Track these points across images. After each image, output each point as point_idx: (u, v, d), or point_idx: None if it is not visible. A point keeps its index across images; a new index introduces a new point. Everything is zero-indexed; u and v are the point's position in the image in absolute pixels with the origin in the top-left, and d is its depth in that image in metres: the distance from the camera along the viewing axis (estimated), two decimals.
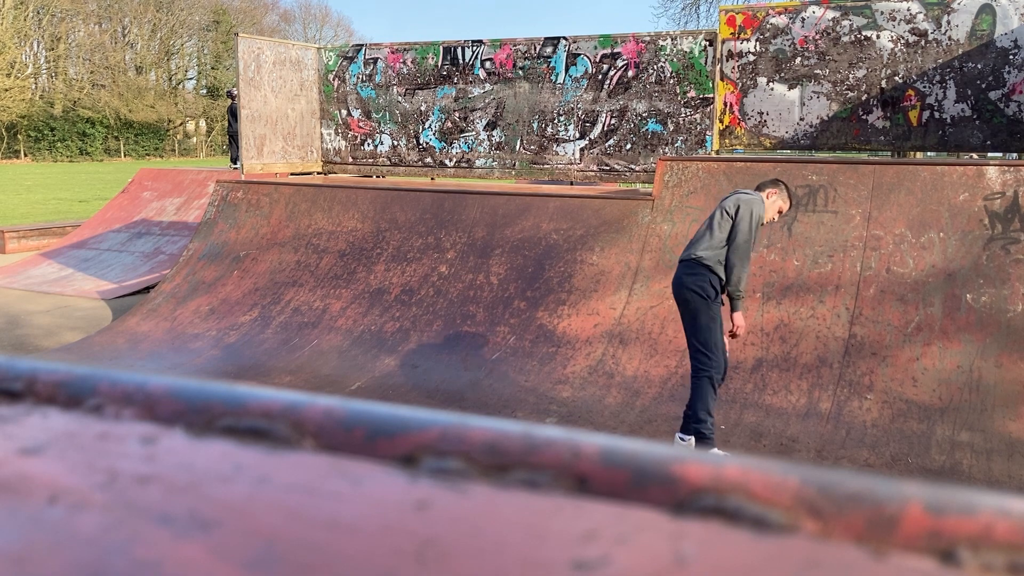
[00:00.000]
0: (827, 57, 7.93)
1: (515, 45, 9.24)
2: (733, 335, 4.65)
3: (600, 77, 8.84)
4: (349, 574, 0.35)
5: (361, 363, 6.47)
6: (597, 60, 8.84)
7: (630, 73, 8.68)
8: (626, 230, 6.87)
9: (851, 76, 7.88)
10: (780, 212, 4.78)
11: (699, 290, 4.53)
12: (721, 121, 8.38)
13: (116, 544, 0.37)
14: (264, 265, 7.89)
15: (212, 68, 56.44)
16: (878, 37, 7.76)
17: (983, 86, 7.49)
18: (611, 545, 0.36)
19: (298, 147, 10.08)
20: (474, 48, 9.46)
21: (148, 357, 6.94)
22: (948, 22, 7.53)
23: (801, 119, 8.10)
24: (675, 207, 6.80)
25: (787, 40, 8.05)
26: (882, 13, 7.74)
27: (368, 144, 10.21)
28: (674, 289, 4.68)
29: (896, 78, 7.76)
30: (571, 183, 9.34)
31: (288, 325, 7.13)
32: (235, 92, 10.84)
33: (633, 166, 8.78)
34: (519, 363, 6.17)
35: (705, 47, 8.34)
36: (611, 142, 8.85)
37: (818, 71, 7.98)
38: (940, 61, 7.60)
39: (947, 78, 7.61)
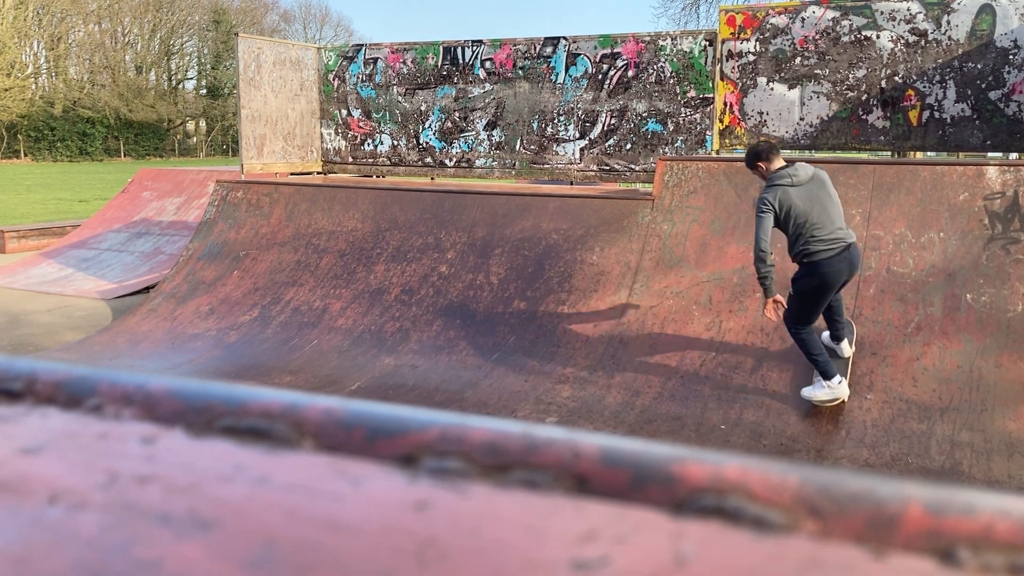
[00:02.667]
0: (827, 57, 7.93)
1: (515, 45, 9.23)
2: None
3: (600, 77, 8.84)
4: (349, 574, 0.35)
5: (361, 363, 6.47)
6: (597, 60, 8.83)
7: (630, 73, 8.67)
8: (626, 230, 6.87)
9: (851, 76, 7.87)
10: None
11: None
12: (721, 121, 8.38)
13: (116, 544, 0.37)
14: (264, 265, 7.89)
15: (212, 68, 56.44)
16: (878, 37, 7.75)
17: (983, 86, 7.49)
18: (611, 545, 0.36)
19: (298, 147, 10.08)
20: (474, 48, 9.46)
21: (148, 357, 6.94)
22: (948, 22, 7.53)
23: (801, 119, 8.10)
24: (675, 207, 6.80)
25: (787, 40, 8.05)
26: (882, 13, 7.73)
27: (368, 144, 10.21)
28: (854, 267, 5.05)
29: (896, 78, 7.75)
30: (571, 183, 9.33)
31: (288, 325, 7.12)
32: None
33: (633, 166, 8.78)
34: (519, 363, 6.17)
35: (705, 47, 8.34)
36: (611, 142, 8.84)
37: (818, 71, 7.98)
38: (940, 61, 7.60)
39: (947, 78, 7.60)
